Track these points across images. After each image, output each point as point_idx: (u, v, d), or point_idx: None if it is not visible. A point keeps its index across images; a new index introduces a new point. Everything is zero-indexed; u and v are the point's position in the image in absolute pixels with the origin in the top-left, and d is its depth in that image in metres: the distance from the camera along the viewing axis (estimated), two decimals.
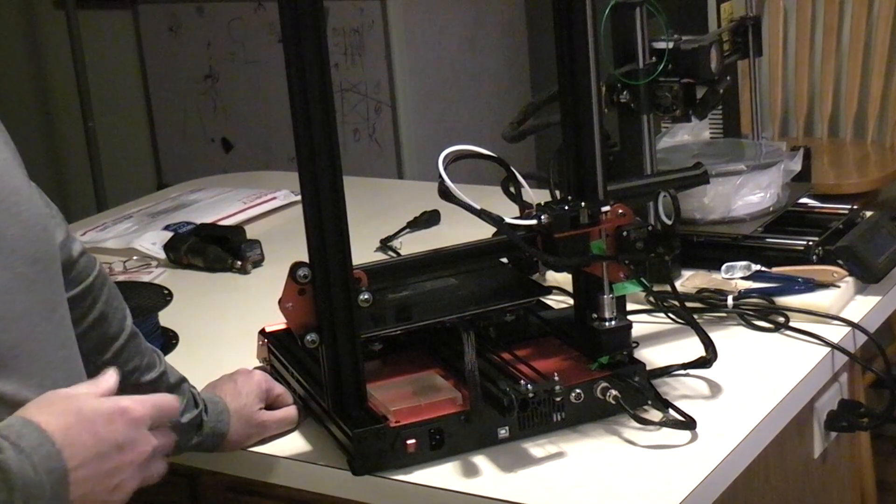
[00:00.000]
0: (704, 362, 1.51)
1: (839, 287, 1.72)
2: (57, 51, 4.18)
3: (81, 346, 1.31)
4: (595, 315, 1.47)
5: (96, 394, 1.12)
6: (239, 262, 2.08)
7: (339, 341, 1.38)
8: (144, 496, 1.61)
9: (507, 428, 1.40)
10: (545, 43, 3.83)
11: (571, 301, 1.57)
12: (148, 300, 1.78)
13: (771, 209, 1.88)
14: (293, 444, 1.48)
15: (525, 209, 1.50)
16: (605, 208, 1.44)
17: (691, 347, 1.54)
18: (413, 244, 2.11)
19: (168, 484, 1.57)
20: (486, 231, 1.52)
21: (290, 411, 1.51)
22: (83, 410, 1.09)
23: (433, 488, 1.35)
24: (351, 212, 1.36)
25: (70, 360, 1.22)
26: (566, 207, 1.43)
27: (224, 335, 1.82)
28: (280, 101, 2.04)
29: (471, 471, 1.36)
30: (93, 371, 1.33)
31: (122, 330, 1.37)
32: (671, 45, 1.76)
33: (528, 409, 1.39)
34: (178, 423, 1.41)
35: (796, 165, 1.95)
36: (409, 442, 1.36)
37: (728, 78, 1.84)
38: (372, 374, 1.45)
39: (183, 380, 1.44)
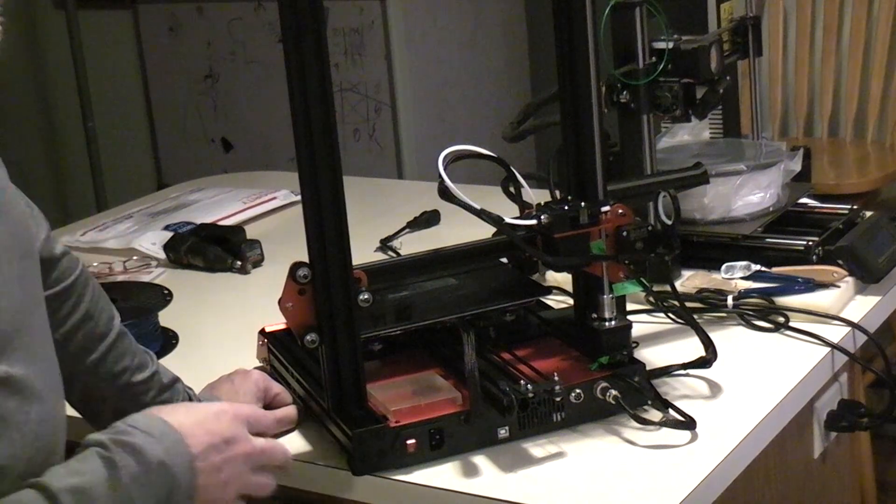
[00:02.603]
0: (704, 362, 1.51)
1: (839, 287, 1.72)
2: (57, 51, 4.18)
3: (70, 346, 1.32)
4: (595, 315, 1.47)
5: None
6: (239, 262, 2.08)
7: (339, 341, 1.38)
8: None
9: (507, 428, 1.40)
10: (545, 43, 3.83)
11: (571, 301, 1.57)
12: (148, 300, 1.78)
13: (771, 209, 1.88)
14: (293, 444, 1.47)
15: (525, 209, 1.50)
16: (605, 208, 1.44)
17: (691, 347, 1.54)
18: (413, 244, 2.11)
19: None
20: (486, 231, 1.52)
21: (289, 411, 1.50)
22: (192, 409, 1.21)
23: (433, 488, 1.35)
24: (351, 212, 1.36)
25: (52, 352, 1.23)
26: (566, 207, 1.43)
27: (224, 335, 1.82)
28: (280, 101, 2.04)
29: (471, 471, 1.36)
30: (83, 371, 1.34)
31: (109, 329, 1.37)
32: (671, 45, 1.76)
33: (528, 409, 1.39)
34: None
35: (796, 165, 1.95)
36: (409, 442, 1.36)
37: (728, 78, 1.84)
38: (372, 374, 1.45)
39: (176, 380, 1.44)
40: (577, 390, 1.41)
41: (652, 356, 1.57)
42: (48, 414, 1.17)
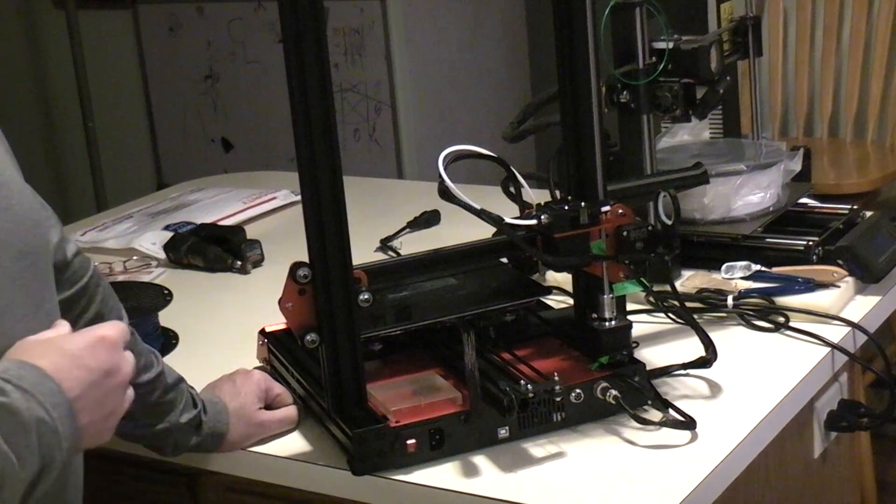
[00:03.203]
0: (704, 362, 1.51)
1: (839, 287, 1.72)
2: (57, 51, 4.18)
3: None
4: (595, 315, 1.47)
5: (66, 332, 1.16)
6: (239, 262, 2.08)
7: (339, 341, 1.38)
8: (144, 496, 1.61)
9: (507, 428, 1.40)
10: (545, 43, 3.83)
11: (571, 301, 1.57)
12: (148, 300, 1.78)
13: (771, 209, 1.88)
14: (293, 444, 1.48)
15: (525, 209, 1.50)
16: (605, 208, 1.44)
17: (691, 347, 1.54)
18: (413, 244, 2.11)
19: (168, 484, 1.58)
20: (486, 231, 1.52)
21: (290, 411, 1.51)
22: (66, 347, 1.12)
23: (433, 488, 1.35)
24: (351, 212, 1.36)
25: None
26: (566, 207, 1.43)
27: (224, 335, 1.82)
28: (280, 101, 2.04)
29: (471, 471, 1.36)
30: None
31: None
32: (671, 45, 1.76)
33: (528, 409, 1.39)
34: (177, 423, 1.41)
35: (796, 165, 1.95)
36: (409, 442, 1.36)
37: (728, 78, 1.84)
38: (372, 374, 1.45)
39: (181, 379, 1.44)
40: (577, 390, 1.41)
41: (652, 356, 1.57)
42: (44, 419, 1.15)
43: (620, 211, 1.45)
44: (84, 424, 1.10)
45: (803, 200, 1.96)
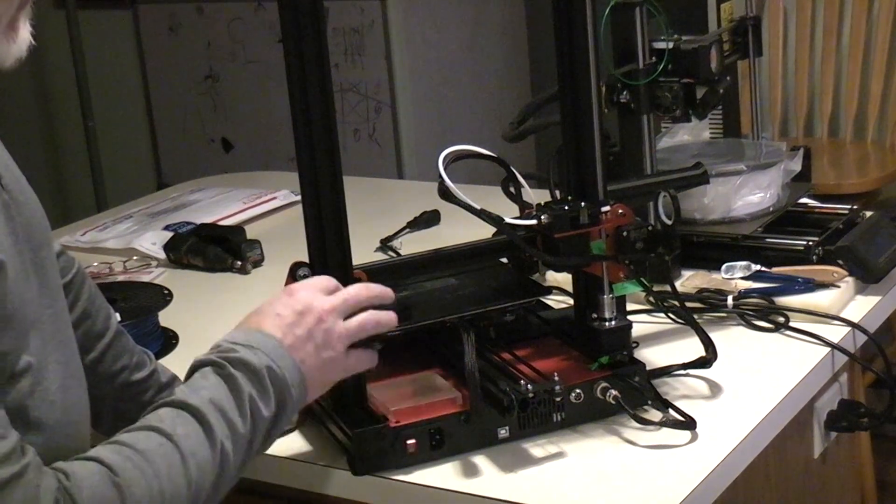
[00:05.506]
0: (704, 362, 1.51)
1: (839, 287, 1.72)
2: (57, 51, 4.18)
3: None
4: (595, 315, 1.47)
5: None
6: (239, 262, 2.08)
7: None
8: None
9: (507, 428, 1.40)
10: (545, 43, 3.82)
11: (571, 301, 1.57)
12: (148, 300, 1.78)
13: (771, 209, 1.88)
14: (293, 444, 1.48)
15: (525, 209, 1.50)
16: (605, 208, 1.44)
17: (691, 347, 1.54)
18: (413, 244, 2.11)
19: None
20: (486, 231, 1.52)
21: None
22: (260, 306, 1.30)
23: (433, 488, 1.35)
24: (351, 212, 1.36)
25: (71, 341, 1.22)
26: (566, 207, 1.43)
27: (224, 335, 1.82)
28: (280, 101, 2.04)
29: (471, 471, 1.36)
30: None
31: (107, 328, 1.38)
32: (671, 45, 1.76)
33: (528, 409, 1.39)
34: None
35: (796, 165, 1.95)
36: (409, 442, 1.36)
37: (728, 78, 1.84)
38: (372, 374, 1.45)
39: (175, 379, 1.45)
40: (577, 390, 1.41)
41: (652, 356, 1.57)
42: (68, 399, 1.16)
43: (620, 211, 1.45)
44: (300, 360, 1.24)
45: (803, 200, 1.96)
